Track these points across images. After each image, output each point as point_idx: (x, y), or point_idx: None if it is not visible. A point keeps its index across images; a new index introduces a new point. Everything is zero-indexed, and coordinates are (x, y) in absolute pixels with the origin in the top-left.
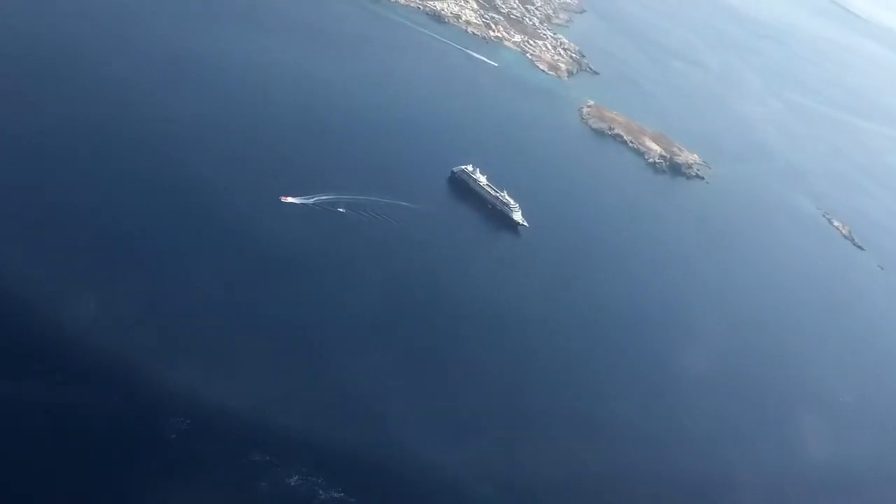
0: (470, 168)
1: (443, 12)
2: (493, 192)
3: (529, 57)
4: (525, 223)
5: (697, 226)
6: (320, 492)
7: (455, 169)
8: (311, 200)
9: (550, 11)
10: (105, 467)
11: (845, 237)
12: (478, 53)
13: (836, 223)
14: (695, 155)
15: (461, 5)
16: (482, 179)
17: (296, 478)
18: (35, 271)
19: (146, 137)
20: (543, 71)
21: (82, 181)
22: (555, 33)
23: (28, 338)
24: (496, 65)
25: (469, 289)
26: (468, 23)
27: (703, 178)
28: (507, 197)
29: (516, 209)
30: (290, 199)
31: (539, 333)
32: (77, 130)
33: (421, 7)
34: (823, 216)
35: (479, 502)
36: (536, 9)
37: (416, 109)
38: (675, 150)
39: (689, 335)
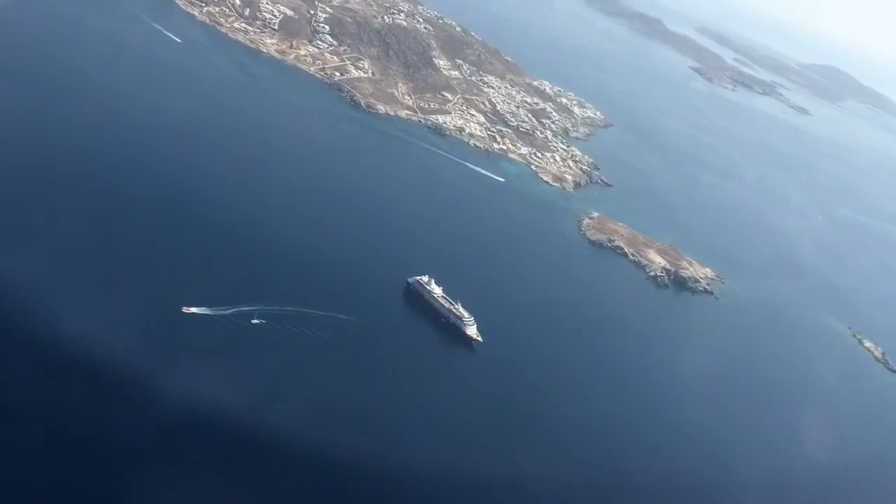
0: (425, 279)
1: (445, 125)
2: (446, 304)
3: (534, 168)
4: (479, 338)
5: (694, 347)
6: None
7: (410, 280)
8: (227, 311)
9: (569, 125)
10: None
11: (878, 360)
12: (475, 165)
13: (867, 344)
14: (707, 269)
15: (466, 119)
16: (437, 291)
17: None
18: None
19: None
20: (547, 182)
21: None
22: (568, 146)
23: None
24: (494, 175)
25: (368, 436)
26: (471, 135)
27: (712, 294)
28: (460, 309)
29: (470, 323)
30: (192, 310)
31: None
32: None
33: (422, 121)
34: (854, 336)
35: None
36: (553, 122)
37: (386, 221)
38: (682, 263)
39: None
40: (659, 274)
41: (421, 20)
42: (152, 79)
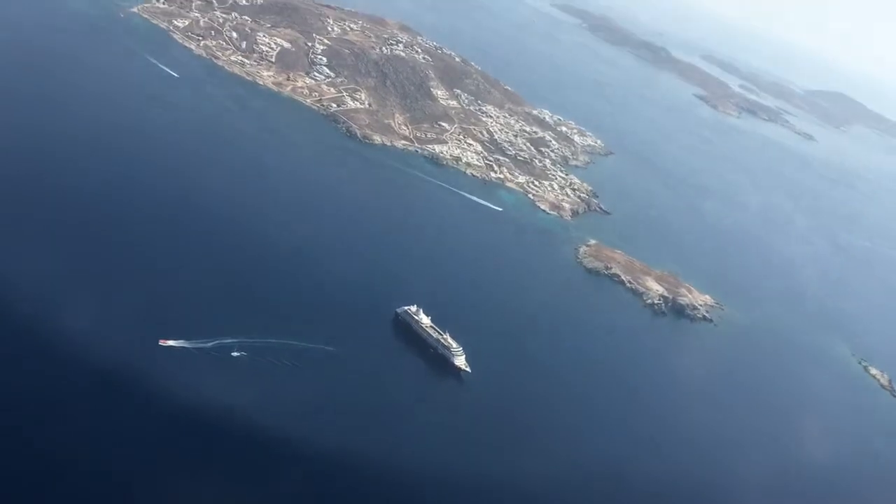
0: (413, 308)
1: (441, 155)
2: (434, 334)
3: (531, 197)
4: (468, 369)
5: (690, 375)
6: None
7: (398, 310)
8: (207, 344)
9: (569, 154)
10: None
11: (884, 387)
12: (472, 194)
13: (873, 371)
14: (706, 296)
15: (463, 148)
16: (425, 320)
17: None
18: None
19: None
20: (544, 211)
21: None
22: (567, 174)
23: None
24: (490, 204)
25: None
26: (468, 165)
27: (711, 321)
28: (449, 339)
29: (459, 353)
30: (170, 343)
31: None
32: None
33: (419, 150)
34: (859, 363)
35: None
36: (552, 151)
37: (377, 250)
38: (681, 290)
39: None
40: (656, 301)
41: (420, 51)
42: (147, 112)
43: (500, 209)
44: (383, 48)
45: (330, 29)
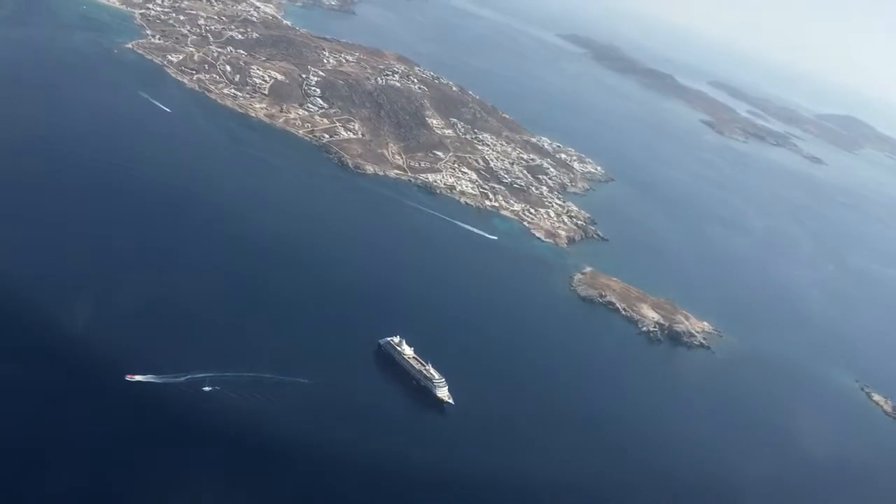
0: (396, 339)
1: (435, 184)
2: (417, 366)
3: (526, 225)
4: (450, 401)
5: (683, 403)
6: None
7: (381, 341)
8: (178, 379)
9: (567, 181)
10: None
11: (887, 414)
12: (465, 223)
13: (875, 398)
14: (704, 323)
15: (458, 176)
16: (408, 351)
17: None
18: None
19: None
20: (539, 238)
21: None
22: (564, 201)
23: None
24: (485, 233)
25: None
26: (462, 193)
27: (708, 348)
28: (431, 371)
29: (441, 385)
30: (137, 378)
31: None
32: None
33: (412, 180)
34: (862, 389)
35: None
36: (550, 178)
37: (366, 282)
38: (677, 317)
39: None
40: (652, 329)
41: (415, 81)
42: (136, 148)
43: (495, 237)
44: (378, 79)
45: (325, 61)
